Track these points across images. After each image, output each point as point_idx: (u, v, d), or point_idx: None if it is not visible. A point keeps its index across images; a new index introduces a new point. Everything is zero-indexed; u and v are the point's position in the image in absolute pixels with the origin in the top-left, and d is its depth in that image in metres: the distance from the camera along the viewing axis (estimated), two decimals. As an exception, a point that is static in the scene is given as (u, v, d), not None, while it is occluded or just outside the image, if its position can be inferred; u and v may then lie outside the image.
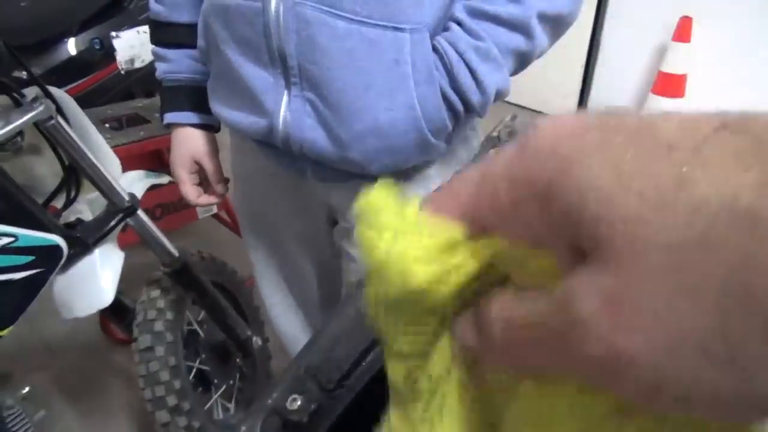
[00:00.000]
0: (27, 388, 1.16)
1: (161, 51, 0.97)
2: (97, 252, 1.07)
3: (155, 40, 0.99)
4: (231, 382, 1.48)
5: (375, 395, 0.42)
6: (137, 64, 2.24)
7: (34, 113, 0.92)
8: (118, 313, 1.43)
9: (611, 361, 0.16)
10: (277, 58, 0.77)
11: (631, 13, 3.39)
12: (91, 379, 1.78)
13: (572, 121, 0.18)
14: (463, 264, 0.20)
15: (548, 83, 3.65)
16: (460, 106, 0.77)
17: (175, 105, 0.99)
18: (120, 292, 1.39)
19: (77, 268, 1.06)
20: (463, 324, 0.22)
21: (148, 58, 2.33)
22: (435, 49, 0.75)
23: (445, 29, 0.77)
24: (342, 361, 0.42)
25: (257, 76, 0.80)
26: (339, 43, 0.73)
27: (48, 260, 0.94)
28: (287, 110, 0.79)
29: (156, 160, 2.28)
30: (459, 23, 0.75)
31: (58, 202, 1.10)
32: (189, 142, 1.00)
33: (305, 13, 0.72)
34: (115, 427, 1.64)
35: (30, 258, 0.90)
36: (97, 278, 1.07)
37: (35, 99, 0.93)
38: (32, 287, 0.93)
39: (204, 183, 1.06)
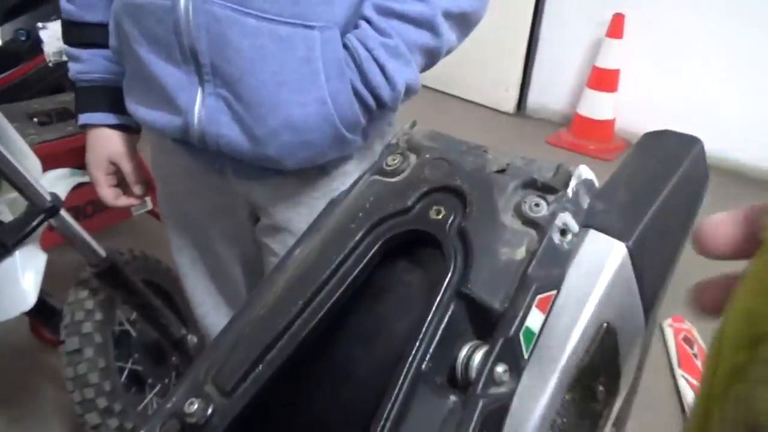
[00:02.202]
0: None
1: (74, 51, 0.95)
2: (18, 254, 1.04)
3: (67, 40, 0.96)
4: (167, 380, 1.47)
5: (271, 396, 0.43)
6: (66, 56, 2.16)
7: (-57, 112, 0.88)
8: (45, 314, 1.39)
9: None
10: (189, 56, 0.77)
11: (567, 11, 3.49)
12: (20, 382, 1.72)
13: None
14: None
15: (490, 77, 3.73)
16: (371, 101, 0.79)
17: (89, 105, 0.97)
18: (48, 293, 1.36)
19: (-3, 271, 1.03)
20: None
21: (78, 49, 2.25)
22: (345, 47, 0.77)
23: (355, 27, 0.78)
24: (240, 364, 0.43)
25: (170, 75, 0.79)
26: (250, 40, 0.73)
27: (-38, 264, 0.91)
28: (201, 108, 0.79)
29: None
30: (368, 21, 0.77)
31: (-25, 203, 1.07)
32: (105, 143, 0.98)
33: (214, 11, 0.73)
34: (47, 429, 1.59)
35: (-59, 263, 0.87)
36: (17, 281, 1.04)
37: (-55, 97, 0.90)
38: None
39: (122, 184, 1.04)
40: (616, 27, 3.23)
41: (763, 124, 3.07)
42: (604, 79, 3.33)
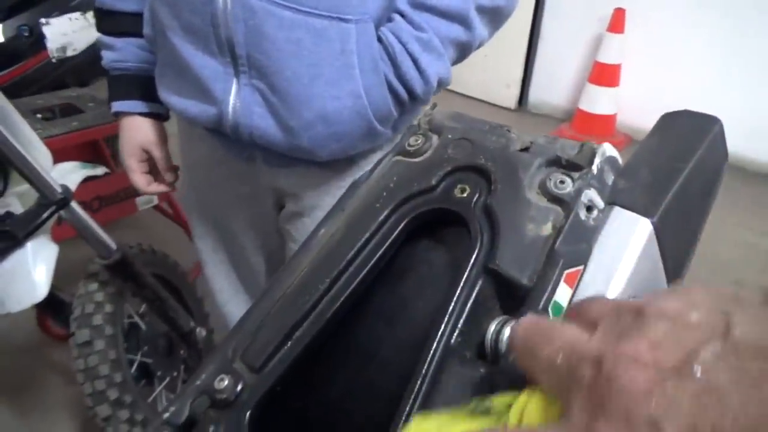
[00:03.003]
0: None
1: (107, 39, 0.95)
2: (29, 246, 1.04)
3: (101, 28, 0.97)
4: (175, 373, 1.47)
5: (299, 373, 0.44)
6: (69, 53, 2.15)
7: (-44, 104, 0.89)
8: (55, 308, 1.39)
9: None
10: (226, 48, 0.77)
11: (567, 6, 3.49)
12: (28, 377, 1.73)
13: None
14: None
15: (492, 74, 3.73)
16: (404, 95, 0.80)
17: (122, 94, 0.97)
18: (56, 286, 1.36)
19: (8, 263, 1.03)
20: None
21: (80, 46, 2.25)
22: (379, 40, 0.77)
23: (389, 20, 0.79)
24: (268, 341, 0.43)
25: (205, 65, 0.80)
26: (286, 33, 0.74)
27: (-25, 255, 0.91)
28: (236, 99, 0.80)
29: (91, 151, 2.21)
30: (402, 14, 0.78)
31: (-14, 196, 1.07)
32: (137, 131, 0.98)
33: (251, 3, 0.73)
34: (56, 423, 1.60)
35: (-45, 253, 0.87)
36: (29, 273, 1.04)
37: (-43, 89, 0.90)
38: (-41, 283, 0.90)
39: (153, 171, 1.04)
40: (617, 22, 3.24)
41: (763, 117, 3.07)
42: (605, 74, 3.33)
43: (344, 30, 0.75)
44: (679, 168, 0.47)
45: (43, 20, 2.08)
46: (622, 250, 0.42)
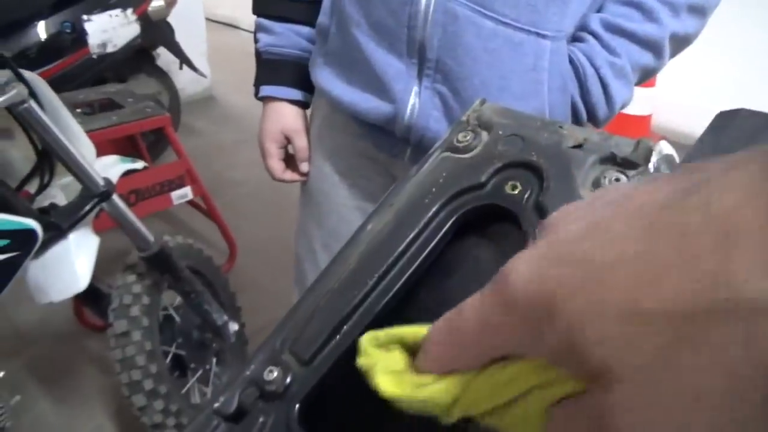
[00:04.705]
0: (1, 374, 1.16)
1: (267, 23, 0.96)
2: (72, 237, 1.07)
3: (260, 11, 0.97)
4: (207, 366, 1.49)
5: (348, 367, 0.44)
6: (109, 49, 2.20)
7: (6, 97, 0.91)
8: (92, 298, 1.42)
9: None
10: (416, 50, 0.77)
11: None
12: (64, 365, 1.77)
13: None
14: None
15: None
16: (584, 117, 0.80)
17: (274, 79, 0.98)
18: (94, 277, 1.39)
19: (51, 253, 1.06)
20: None
21: (120, 42, 2.30)
22: (570, 60, 0.77)
23: (578, 39, 0.78)
24: (316, 334, 0.43)
25: (389, 64, 0.79)
26: (483, 42, 0.74)
27: (23, 244, 0.94)
28: (416, 100, 0.80)
29: (129, 145, 2.26)
30: (595, 36, 0.76)
31: (32, 187, 1.10)
32: (283, 117, 0.99)
33: (455, 10, 0.73)
34: (90, 411, 1.63)
35: (5, 242, 0.90)
36: (71, 263, 1.07)
37: (7, 83, 0.93)
38: (7, 271, 0.92)
39: (286, 160, 1.04)
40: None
41: (807, 120, 2.98)
42: (641, 74, 3.27)
43: (540, 45, 0.74)
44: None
45: (84, 17, 2.14)
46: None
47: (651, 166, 0.43)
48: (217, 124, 3.51)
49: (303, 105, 1.01)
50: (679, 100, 3.24)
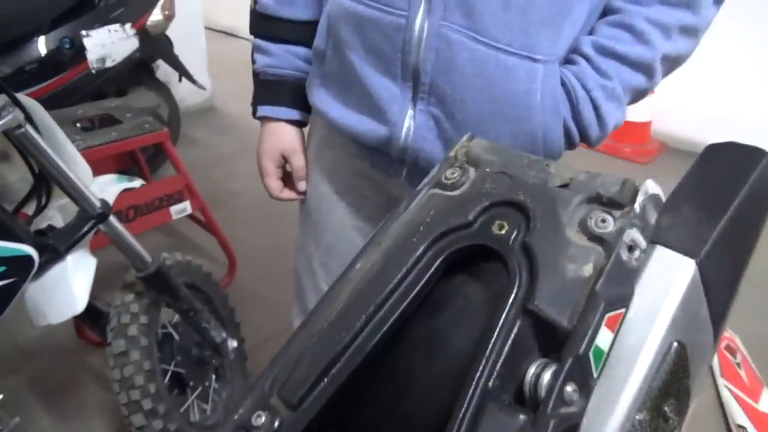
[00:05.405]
0: (0, 396, 1.16)
1: (264, 44, 0.96)
2: (69, 258, 1.07)
3: (258, 32, 0.97)
4: (207, 383, 1.49)
5: (336, 410, 0.44)
6: (108, 64, 2.21)
7: (2, 122, 0.92)
8: (90, 316, 1.43)
9: None
10: (410, 74, 0.78)
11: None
12: (65, 382, 1.77)
13: None
14: None
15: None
16: (577, 139, 0.80)
17: (272, 99, 0.98)
18: (92, 295, 1.39)
19: (49, 275, 1.06)
20: None
21: (119, 57, 2.31)
22: (562, 83, 0.77)
23: (569, 61, 0.78)
24: (304, 378, 0.44)
25: (384, 87, 0.80)
26: (477, 67, 0.74)
27: (19, 270, 0.94)
28: (411, 123, 0.80)
29: (128, 159, 2.26)
30: (587, 59, 0.77)
31: (29, 209, 1.10)
32: (280, 137, 0.99)
33: (449, 35, 0.74)
34: (92, 429, 1.63)
35: (1, 269, 0.90)
36: (69, 285, 1.07)
37: (3, 107, 0.93)
38: (4, 297, 0.93)
39: (284, 178, 1.05)
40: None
41: (807, 125, 2.97)
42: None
43: (532, 69, 0.75)
44: (724, 205, 0.46)
45: (83, 32, 2.15)
46: (665, 293, 0.41)
47: (637, 206, 0.43)
48: (217, 134, 3.52)
49: (300, 124, 1.01)
50: (679, 107, 3.24)
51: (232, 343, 1.45)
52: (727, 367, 1.86)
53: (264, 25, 0.96)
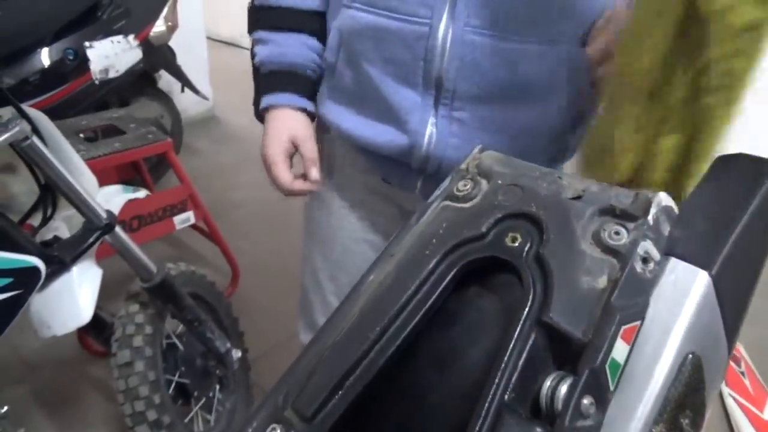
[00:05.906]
0: (5, 408, 1.16)
1: (265, 35, 0.91)
2: (75, 270, 1.07)
3: (258, 26, 0.92)
4: (211, 394, 1.49)
5: (351, 423, 0.44)
6: (111, 74, 2.22)
7: (9, 134, 0.92)
8: (95, 327, 1.42)
9: None
10: (433, 82, 0.78)
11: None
12: (69, 392, 1.77)
13: None
14: None
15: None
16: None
17: (277, 87, 0.91)
18: (96, 305, 1.39)
19: (55, 286, 1.06)
20: None
21: (122, 68, 2.32)
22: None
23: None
24: (319, 390, 0.43)
25: (404, 97, 0.80)
26: (503, 63, 0.75)
27: (26, 282, 0.94)
28: (433, 130, 0.80)
29: (132, 169, 2.27)
30: None
31: (35, 220, 1.10)
32: (287, 123, 0.91)
33: (474, 40, 0.74)
34: (95, 440, 1.63)
35: (7, 280, 0.90)
36: (74, 296, 1.07)
37: (10, 120, 0.93)
38: (10, 309, 0.93)
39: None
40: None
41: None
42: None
43: (556, 52, 0.76)
44: (737, 216, 0.46)
45: (87, 44, 2.16)
46: (680, 304, 0.41)
47: (650, 218, 0.43)
48: (219, 144, 3.52)
49: (309, 114, 0.94)
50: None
51: (236, 353, 1.45)
52: (732, 376, 1.85)
53: (264, 16, 0.92)
